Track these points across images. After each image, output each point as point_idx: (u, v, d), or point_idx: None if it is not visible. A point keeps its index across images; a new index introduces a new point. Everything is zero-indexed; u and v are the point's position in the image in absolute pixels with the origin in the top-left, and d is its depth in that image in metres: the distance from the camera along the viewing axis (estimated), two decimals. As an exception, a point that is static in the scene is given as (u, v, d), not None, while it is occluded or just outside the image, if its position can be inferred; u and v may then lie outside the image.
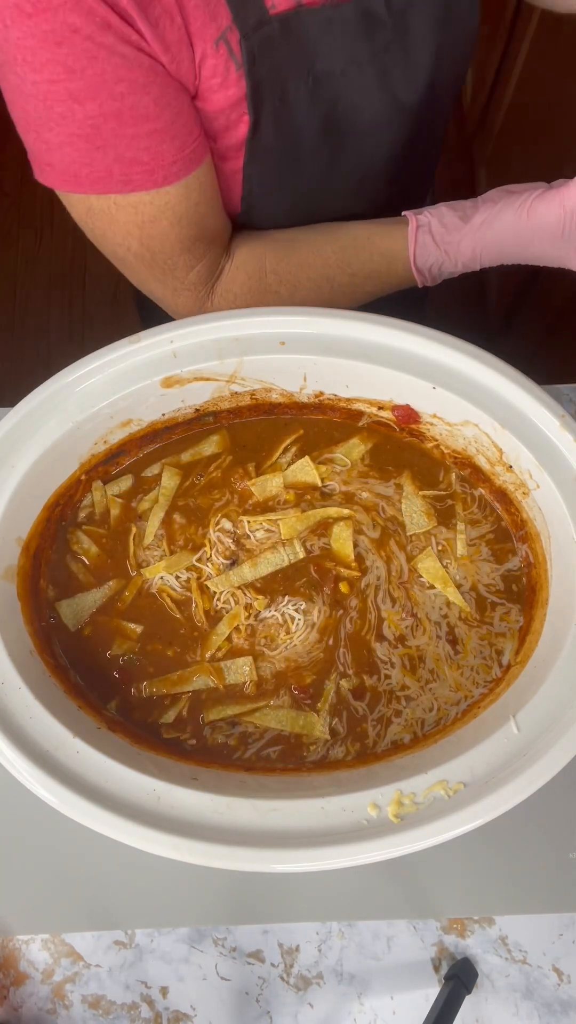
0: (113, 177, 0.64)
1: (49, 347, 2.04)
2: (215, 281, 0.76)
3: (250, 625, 0.76)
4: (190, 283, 0.74)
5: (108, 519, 0.80)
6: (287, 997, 0.72)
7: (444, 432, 0.79)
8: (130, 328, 0.77)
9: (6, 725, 0.64)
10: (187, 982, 0.73)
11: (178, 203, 0.67)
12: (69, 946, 0.74)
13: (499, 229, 0.70)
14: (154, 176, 0.64)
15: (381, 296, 0.81)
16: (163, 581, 0.77)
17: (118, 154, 0.62)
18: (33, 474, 0.73)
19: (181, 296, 0.76)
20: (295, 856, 0.60)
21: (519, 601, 0.76)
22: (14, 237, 2.13)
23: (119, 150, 0.62)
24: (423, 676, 0.74)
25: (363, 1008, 0.72)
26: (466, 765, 0.63)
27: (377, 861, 0.60)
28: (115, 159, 0.62)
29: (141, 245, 0.70)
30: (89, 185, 0.65)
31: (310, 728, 0.72)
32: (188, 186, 0.67)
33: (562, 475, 0.72)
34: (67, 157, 0.63)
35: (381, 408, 0.80)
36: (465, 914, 0.74)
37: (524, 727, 0.64)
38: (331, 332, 0.76)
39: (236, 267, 0.76)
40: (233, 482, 0.81)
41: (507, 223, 0.70)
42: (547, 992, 0.72)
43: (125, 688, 0.74)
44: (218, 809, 0.62)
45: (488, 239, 0.71)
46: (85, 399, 0.74)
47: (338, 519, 0.79)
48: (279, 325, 0.76)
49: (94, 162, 0.63)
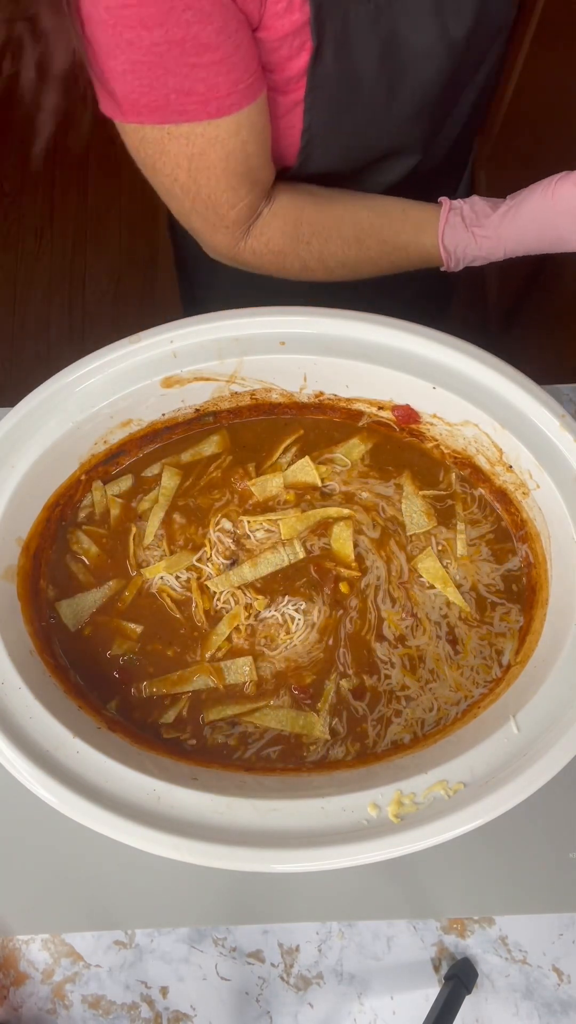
0: (170, 106, 0.66)
1: (49, 347, 2.04)
2: (252, 223, 0.78)
3: (250, 625, 0.76)
4: (230, 221, 0.76)
5: (108, 519, 0.80)
6: (287, 997, 0.72)
7: (444, 432, 0.78)
8: (130, 328, 0.77)
9: (6, 725, 0.64)
10: (187, 982, 0.73)
11: (227, 137, 0.69)
12: (69, 946, 0.74)
13: (524, 212, 0.73)
14: (207, 107, 0.66)
15: (403, 271, 0.83)
16: (163, 581, 0.77)
17: (176, 83, 0.64)
18: (33, 474, 0.73)
19: (219, 233, 0.77)
20: (295, 856, 0.60)
21: (519, 601, 0.76)
22: (14, 238, 2.13)
23: (178, 79, 0.64)
24: (423, 676, 0.74)
25: (363, 1008, 0.72)
26: (466, 765, 0.63)
27: (377, 861, 0.60)
28: (173, 88, 0.65)
29: (188, 177, 0.72)
30: (147, 114, 0.67)
31: (310, 728, 0.72)
32: (239, 121, 0.68)
33: (562, 475, 0.72)
34: (128, 85, 0.65)
35: (381, 408, 0.80)
36: (465, 914, 0.74)
37: (524, 727, 0.64)
38: (331, 332, 0.76)
39: (274, 213, 0.78)
40: (233, 482, 0.81)
41: (532, 205, 0.72)
42: (547, 992, 0.72)
43: (125, 688, 0.74)
44: (218, 809, 0.62)
45: (514, 224, 0.74)
46: (85, 399, 0.74)
47: (338, 519, 0.79)
48: (279, 325, 0.76)
49: (153, 90, 0.65)
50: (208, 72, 0.64)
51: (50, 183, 2.18)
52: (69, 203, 2.16)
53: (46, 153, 2.20)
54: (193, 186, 0.73)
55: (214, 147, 0.69)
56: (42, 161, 2.19)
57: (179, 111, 0.66)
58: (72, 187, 2.17)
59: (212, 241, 0.79)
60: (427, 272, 0.86)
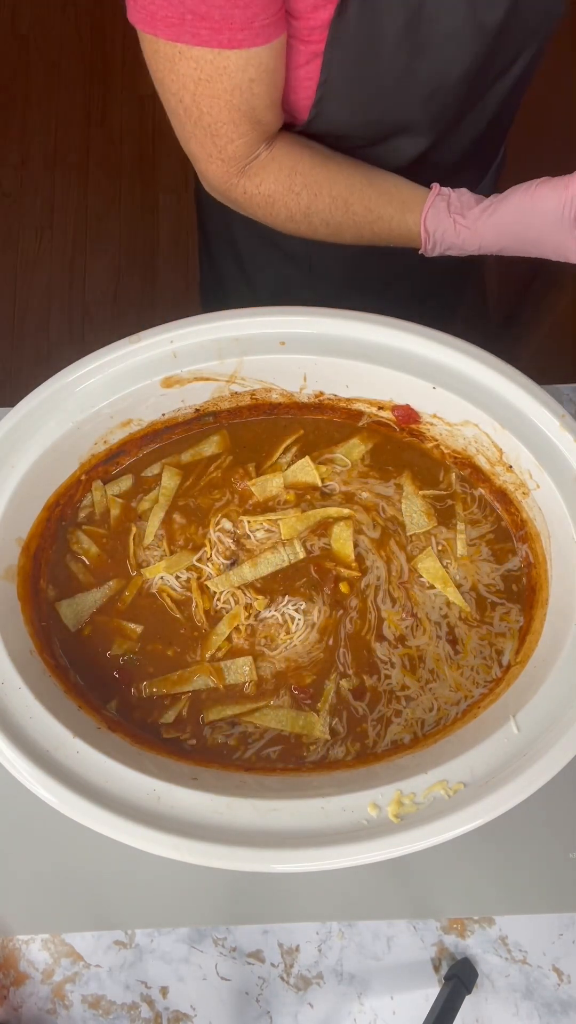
0: (184, 25, 0.67)
1: (49, 347, 2.04)
2: (249, 163, 0.78)
3: (250, 625, 0.76)
4: (227, 155, 0.77)
5: (108, 519, 0.80)
6: (287, 997, 0.72)
7: (444, 432, 0.78)
8: (130, 328, 0.77)
9: (6, 725, 0.64)
10: (187, 982, 0.73)
11: (235, 72, 0.70)
12: (69, 946, 0.74)
13: (503, 211, 0.74)
14: (219, 36, 0.67)
15: (384, 245, 0.84)
16: (163, 581, 0.77)
17: (193, 6, 0.65)
18: (33, 474, 0.73)
19: (214, 163, 0.78)
20: (295, 856, 0.60)
21: (519, 601, 0.76)
22: (14, 237, 2.13)
23: (195, 2, 0.65)
24: (423, 676, 0.74)
25: (363, 1008, 0.72)
26: (466, 765, 0.63)
27: (377, 861, 0.60)
28: (189, 9, 0.65)
29: (192, 100, 0.73)
30: (163, 29, 0.68)
31: (310, 728, 0.72)
32: (248, 59, 0.69)
33: (562, 475, 0.72)
34: None
35: (381, 408, 0.80)
36: (465, 914, 0.74)
37: (524, 727, 0.64)
38: (331, 332, 0.76)
39: (272, 157, 0.78)
40: (233, 482, 0.81)
41: (511, 205, 0.74)
42: (547, 992, 0.72)
43: (125, 688, 0.74)
44: (218, 809, 0.62)
45: (492, 220, 0.75)
46: (85, 399, 0.74)
47: (338, 519, 0.79)
48: (279, 325, 0.76)
49: (170, 6, 0.66)
50: (225, 2, 0.65)
51: (50, 183, 2.18)
52: (69, 203, 2.16)
53: (46, 153, 2.20)
54: (196, 110, 0.73)
55: (221, 77, 0.70)
56: (42, 161, 2.19)
57: (192, 33, 0.67)
58: (72, 187, 2.17)
59: (207, 170, 0.79)
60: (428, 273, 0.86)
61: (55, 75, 2.27)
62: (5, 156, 2.20)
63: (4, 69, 2.27)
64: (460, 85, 0.78)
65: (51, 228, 2.15)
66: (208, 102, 0.72)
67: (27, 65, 2.28)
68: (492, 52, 0.77)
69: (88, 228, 2.14)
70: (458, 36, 0.73)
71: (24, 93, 2.25)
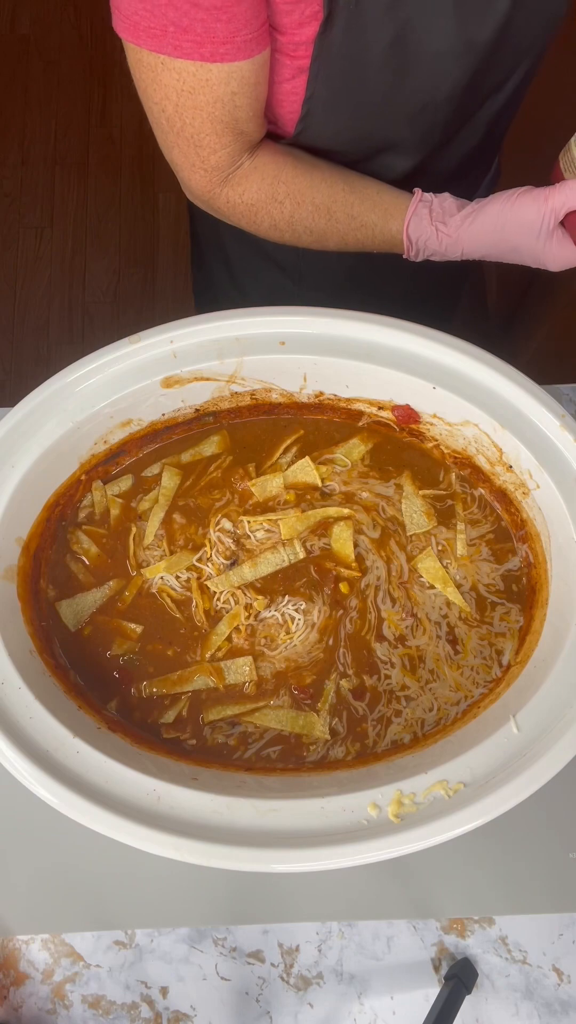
0: (167, 37, 0.67)
1: (49, 347, 2.04)
2: (231, 173, 0.78)
3: (250, 625, 0.76)
4: (210, 165, 0.77)
5: (108, 519, 0.80)
6: (287, 997, 0.72)
7: (444, 432, 0.78)
8: (130, 328, 0.77)
9: (6, 725, 0.64)
10: (187, 982, 0.73)
11: (218, 85, 0.70)
12: (69, 946, 0.74)
13: (483, 218, 0.75)
14: (201, 49, 0.67)
15: (369, 251, 0.84)
16: (163, 581, 0.77)
17: (176, 17, 0.65)
18: (33, 474, 0.73)
19: (197, 173, 0.78)
20: (295, 856, 0.60)
21: (519, 601, 0.76)
22: (14, 237, 2.13)
23: (178, 14, 0.65)
24: (423, 676, 0.74)
25: (363, 1008, 0.72)
26: (466, 765, 0.63)
27: (377, 861, 0.60)
28: (172, 21, 0.66)
29: (175, 111, 0.73)
30: (146, 39, 0.68)
31: (310, 728, 0.72)
32: (231, 73, 0.69)
33: (562, 475, 0.72)
34: (131, 7, 0.66)
35: (381, 408, 0.80)
36: (465, 914, 0.74)
37: (524, 727, 0.64)
38: (331, 332, 0.76)
39: (255, 167, 0.78)
40: (233, 482, 0.81)
41: (491, 213, 0.74)
42: (547, 992, 0.72)
43: (125, 688, 0.74)
44: (218, 809, 0.62)
45: (472, 227, 0.75)
46: (85, 399, 0.74)
47: (338, 519, 0.79)
48: (279, 325, 0.76)
49: (153, 17, 0.66)
50: (208, 15, 0.65)
51: (50, 183, 2.18)
52: (69, 203, 2.16)
53: (46, 153, 2.20)
54: (178, 121, 0.73)
55: (204, 90, 0.70)
56: (42, 161, 2.19)
57: (175, 45, 0.67)
58: (72, 187, 2.17)
59: (190, 180, 0.79)
60: (430, 272, 0.86)
61: (55, 75, 2.27)
62: (5, 156, 2.20)
63: (4, 69, 2.27)
64: (449, 102, 0.78)
65: (51, 228, 2.15)
66: (191, 114, 0.72)
67: (27, 65, 2.28)
68: (483, 70, 0.76)
69: (88, 228, 2.14)
70: (447, 54, 0.73)
71: (24, 93, 2.25)
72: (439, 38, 0.72)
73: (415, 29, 0.71)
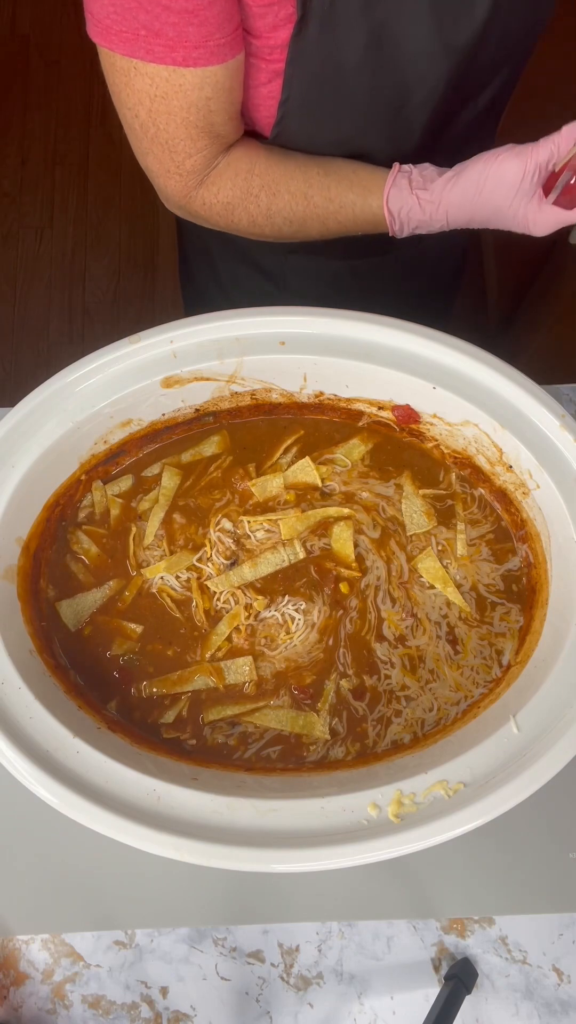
0: (139, 41, 0.67)
1: (49, 347, 2.04)
2: (207, 174, 0.78)
3: (250, 625, 0.76)
4: (185, 169, 0.76)
5: (108, 519, 0.80)
6: (287, 997, 0.72)
7: (444, 432, 0.78)
8: (130, 328, 0.77)
9: (6, 725, 0.64)
10: (187, 982, 0.73)
11: (191, 90, 0.69)
12: (69, 946, 0.74)
13: (466, 178, 0.72)
14: (173, 54, 0.67)
15: (352, 234, 0.82)
16: (163, 581, 0.77)
17: (147, 21, 0.65)
18: (33, 474, 0.73)
19: (173, 178, 0.78)
20: (295, 856, 0.60)
21: (519, 601, 0.76)
22: (14, 237, 2.13)
23: (149, 17, 0.65)
24: (423, 676, 0.74)
25: (363, 1008, 0.72)
26: (466, 765, 0.63)
27: (377, 861, 0.60)
28: (143, 24, 0.65)
29: (148, 116, 0.72)
30: (118, 43, 0.67)
31: (310, 728, 0.72)
32: (204, 78, 0.69)
33: (562, 475, 0.72)
34: (104, 10, 0.66)
35: (381, 408, 0.80)
36: (465, 914, 0.74)
37: (524, 727, 0.64)
38: (331, 332, 0.76)
39: (228, 163, 0.78)
40: (233, 482, 0.81)
41: (475, 171, 0.72)
42: (547, 992, 0.72)
43: (125, 688, 0.74)
44: (218, 809, 0.62)
45: (455, 189, 0.73)
46: (85, 399, 0.74)
47: (338, 519, 0.79)
48: (279, 325, 0.76)
49: (124, 21, 0.65)
50: (179, 19, 0.64)
51: (50, 183, 2.18)
52: (69, 203, 2.16)
53: (46, 153, 2.20)
54: (152, 126, 0.73)
55: (177, 95, 0.70)
56: (42, 161, 2.19)
57: (147, 49, 0.67)
58: (72, 187, 2.17)
59: (165, 186, 0.79)
60: (429, 271, 0.86)
61: (55, 75, 2.27)
62: (5, 156, 2.20)
63: (4, 69, 2.27)
64: (427, 105, 0.77)
65: (51, 228, 2.15)
66: (164, 119, 0.72)
67: (27, 65, 2.28)
68: (463, 73, 0.75)
69: (88, 228, 2.14)
70: (424, 56, 0.72)
71: (24, 93, 2.25)
72: (415, 41, 0.71)
73: (391, 31, 0.70)
